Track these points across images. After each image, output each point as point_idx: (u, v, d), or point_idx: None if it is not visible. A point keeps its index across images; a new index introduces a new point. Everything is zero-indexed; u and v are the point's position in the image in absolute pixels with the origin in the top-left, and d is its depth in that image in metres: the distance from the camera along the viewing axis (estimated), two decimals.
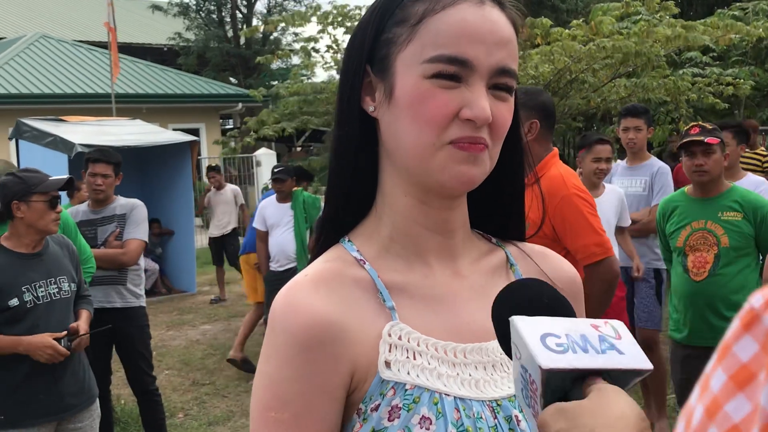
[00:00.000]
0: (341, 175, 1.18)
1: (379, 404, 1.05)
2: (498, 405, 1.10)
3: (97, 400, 4.26)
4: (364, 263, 1.14)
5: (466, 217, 1.21)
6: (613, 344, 0.92)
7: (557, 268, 1.28)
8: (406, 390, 1.05)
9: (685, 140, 4.50)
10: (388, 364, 1.07)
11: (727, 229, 4.32)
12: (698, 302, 4.35)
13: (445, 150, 1.07)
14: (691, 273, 4.41)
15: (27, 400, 3.89)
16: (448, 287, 1.16)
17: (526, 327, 0.91)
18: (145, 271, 7.51)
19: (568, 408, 0.86)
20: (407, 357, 1.08)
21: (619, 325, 0.95)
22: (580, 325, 0.93)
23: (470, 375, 1.10)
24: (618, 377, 0.90)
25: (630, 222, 5.64)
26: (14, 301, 3.86)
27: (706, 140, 4.40)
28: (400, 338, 1.09)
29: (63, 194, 8.77)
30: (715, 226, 4.35)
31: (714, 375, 0.48)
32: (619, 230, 5.59)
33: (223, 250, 11.59)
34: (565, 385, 0.89)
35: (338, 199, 1.19)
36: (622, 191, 5.62)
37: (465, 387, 1.09)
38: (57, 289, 4.00)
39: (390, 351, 1.08)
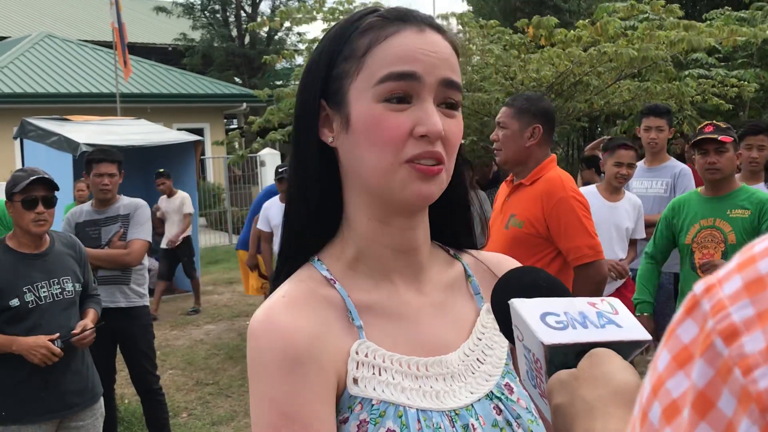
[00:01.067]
0: (302, 203, 1.23)
1: (348, 417, 1.11)
2: (456, 414, 1.16)
3: (101, 398, 4.27)
4: (335, 282, 1.20)
5: (428, 234, 1.27)
6: (611, 319, 0.96)
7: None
8: (372, 405, 1.12)
9: (698, 138, 4.53)
10: (356, 381, 1.13)
11: (734, 227, 4.35)
12: None
13: (403, 169, 1.13)
14: (699, 270, 4.43)
15: (28, 397, 3.91)
16: (411, 305, 1.23)
17: (525, 308, 0.96)
18: (149, 270, 7.53)
19: (566, 379, 0.90)
20: (373, 373, 1.14)
21: (616, 302, 1.00)
22: (578, 304, 0.98)
23: (431, 387, 1.17)
24: (619, 350, 0.93)
25: (644, 235, 5.53)
26: (15, 301, 3.87)
27: (719, 138, 4.43)
28: (366, 355, 1.15)
29: (68, 194, 8.78)
30: (723, 224, 4.37)
31: (660, 356, 0.53)
32: (632, 242, 5.54)
33: (177, 262, 10.96)
34: (567, 361, 0.92)
35: (301, 224, 1.24)
36: (640, 201, 5.57)
37: (426, 399, 1.15)
38: (60, 290, 4.01)
39: (357, 368, 1.14)
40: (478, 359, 1.23)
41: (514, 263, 1.36)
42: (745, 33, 9.62)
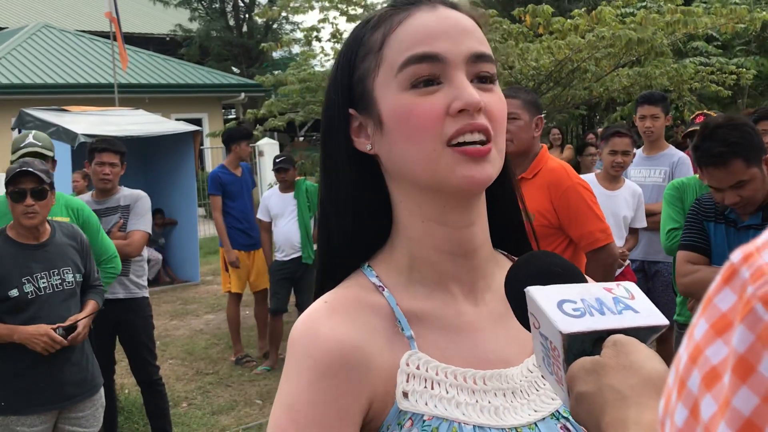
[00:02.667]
0: (343, 219, 1.16)
1: None
2: None
3: (102, 389, 4.27)
4: (383, 290, 1.13)
5: (487, 234, 1.18)
6: (628, 304, 0.95)
7: None
8: (424, 421, 1.04)
9: (690, 129, 4.52)
10: (405, 395, 1.06)
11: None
12: None
13: (447, 153, 1.05)
14: None
15: (28, 388, 3.91)
16: (467, 316, 1.15)
17: (541, 296, 0.94)
18: (149, 261, 7.53)
19: (591, 368, 0.89)
20: (425, 387, 1.07)
21: (632, 286, 0.98)
22: (594, 289, 0.96)
23: (489, 402, 1.09)
24: (636, 335, 0.92)
25: (645, 224, 5.53)
26: (14, 292, 3.87)
27: None
28: (418, 368, 1.08)
29: (66, 185, 8.76)
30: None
31: (698, 325, 0.53)
32: (632, 231, 5.54)
33: None
34: (585, 348, 0.92)
35: (343, 241, 1.17)
36: (640, 189, 5.56)
37: (484, 414, 1.08)
38: (60, 280, 4.01)
39: (408, 381, 1.07)
40: (542, 376, 1.13)
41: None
42: (743, 13, 9.61)
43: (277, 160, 7.59)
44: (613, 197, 5.35)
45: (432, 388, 1.07)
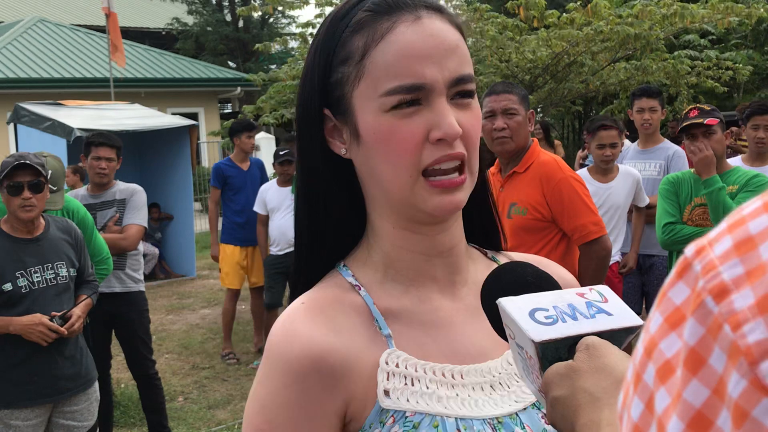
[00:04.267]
0: (319, 215, 1.17)
1: None
2: (499, 422, 1.09)
3: (96, 383, 4.27)
4: (360, 289, 1.14)
5: (462, 232, 1.19)
6: (601, 308, 0.95)
7: (556, 276, 1.26)
8: (406, 417, 1.05)
9: (685, 124, 4.54)
10: (387, 393, 1.07)
11: None
12: None
13: (421, 183, 1.07)
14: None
15: (22, 381, 3.91)
16: (444, 311, 1.16)
17: (513, 306, 0.94)
18: (145, 255, 7.52)
19: (564, 372, 0.89)
20: (405, 384, 1.08)
21: (605, 289, 0.99)
22: (566, 296, 0.97)
23: (469, 395, 1.10)
24: (610, 338, 0.92)
25: (647, 201, 5.55)
26: (8, 286, 3.87)
27: (705, 122, 4.45)
28: (397, 365, 1.08)
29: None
30: None
31: (653, 318, 0.54)
32: (636, 209, 5.58)
33: None
34: (560, 354, 0.92)
35: (316, 238, 1.18)
36: (638, 173, 5.55)
37: (465, 407, 1.09)
38: (54, 275, 4.00)
39: (388, 379, 1.07)
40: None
41: (556, 267, 1.30)
42: (740, 9, 9.63)
43: (281, 153, 7.56)
44: (609, 189, 5.36)
45: (412, 385, 1.08)
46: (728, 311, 0.48)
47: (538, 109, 10.72)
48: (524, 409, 1.12)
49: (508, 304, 0.94)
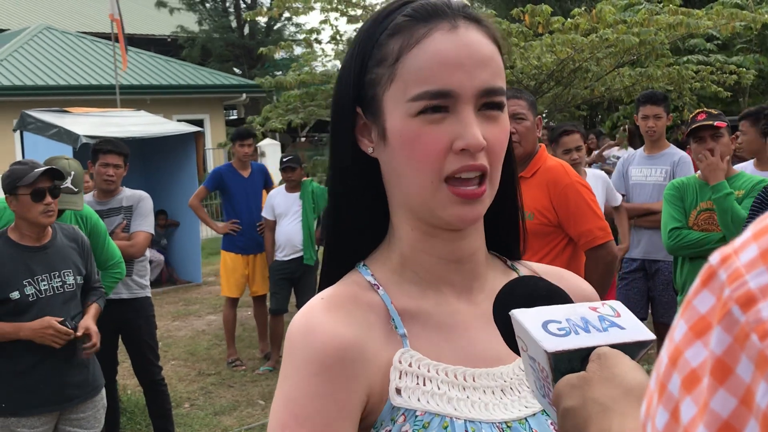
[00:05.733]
0: (345, 213, 1.19)
1: (390, 430, 1.07)
2: (508, 427, 1.11)
3: (103, 390, 4.28)
4: (378, 288, 1.15)
5: (483, 240, 1.21)
6: (613, 321, 0.95)
7: (575, 288, 1.25)
8: (416, 416, 1.07)
9: (693, 126, 4.55)
10: (398, 391, 1.08)
11: None
12: None
13: (443, 189, 1.08)
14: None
15: (28, 389, 3.91)
16: (460, 315, 1.17)
17: (526, 318, 0.94)
18: (150, 262, 7.53)
19: (575, 383, 0.89)
20: (417, 383, 1.09)
21: (617, 305, 0.99)
22: (579, 309, 0.97)
23: (479, 398, 1.11)
24: (623, 351, 0.92)
25: (620, 199, 5.71)
26: (15, 294, 3.88)
27: (715, 124, 4.47)
28: (410, 365, 1.10)
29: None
30: None
31: (677, 327, 0.53)
32: (615, 210, 5.70)
33: None
34: (573, 366, 0.92)
35: (344, 233, 1.20)
36: (605, 174, 5.65)
37: (475, 409, 1.10)
38: (61, 283, 4.01)
39: (400, 378, 1.09)
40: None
41: (576, 277, 1.31)
42: (745, 16, 9.61)
43: (284, 159, 7.58)
44: None
45: (424, 385, 1.09)
46: (755, 320, 0.48)
47: (544, 115, 10.72)
48: (533, 414, 1.13)
49: (521, 315, 0.95)
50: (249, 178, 7.96)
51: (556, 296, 1.02)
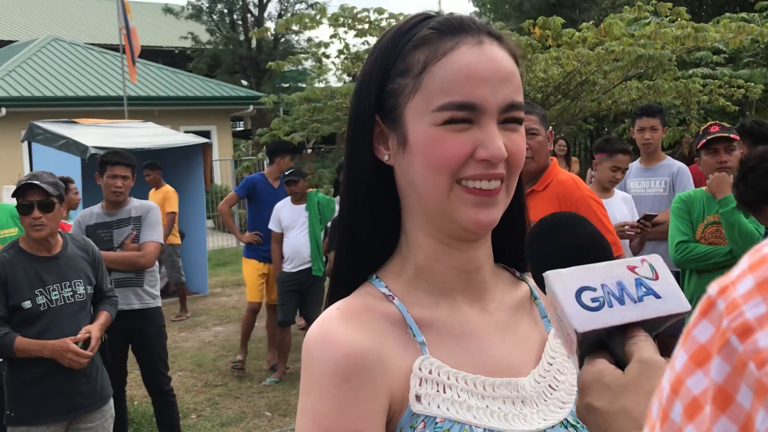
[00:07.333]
0: (358, 221, 1.19)
1: None
2: None
3: (111, 400, 4.29)
4: (393, 299, 1.16)
5: (491, 252, 1.23)
6: (650, 287, 0.92)
7: None
8: (436, 423, 1.07)
9: (708, 137, 4.56)
10: (418, 398, 1.08)
11: None
12: None
13: (456, 190, 1.10)
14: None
15: (37, 399, 3.93)
16: (474, 324, 1.18)
17: (560, 285, 0.92)
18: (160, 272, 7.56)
19: (609, 383, 0.88)
20: (437, 390, 1.09)
21: (657, 262, 0.96)
22: (617, 270, 0.94)
23: (499, 408, 1.12)
24: (656, 321, 0.91)
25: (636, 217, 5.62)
26: (27, 303, 3.90)
27: (731, 136, 4.49)
28: (430, 372, 1.10)
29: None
30: None
31: (678, 357, 0.55)
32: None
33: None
34: (600, 336, 0.91)
35: (357, 242, 1.20)
36: (630, 196, 5.61)
37: (494, 419, 1.10)
38: (71, 293, 4.03)
39: (420, 385, 1.09)
40: (550, 385, 1.17)
41: None
42: (752, 30, 9.63)
43: (287, 172, 7.62)
44: (609, 204, 5.38)
45: (444, 392, 1.10)
46: (753, 350, 0.50)
47: (550, 127, 10.73)
48: (552, 427, 1.13)
49: (555, 281, 0.93)
50: (279, 188, 8.07)
51: (596, 247, 1.01)
